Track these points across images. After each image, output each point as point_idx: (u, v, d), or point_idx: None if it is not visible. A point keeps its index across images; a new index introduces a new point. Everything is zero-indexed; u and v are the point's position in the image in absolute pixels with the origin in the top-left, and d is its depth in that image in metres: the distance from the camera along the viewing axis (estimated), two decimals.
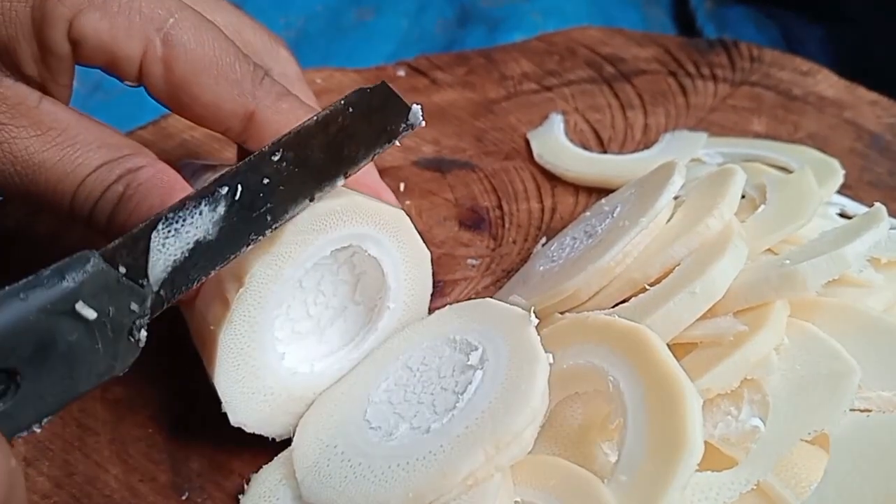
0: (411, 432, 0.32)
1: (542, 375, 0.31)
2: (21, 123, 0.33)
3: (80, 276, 0.27)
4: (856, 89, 0.62)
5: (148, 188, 0.34)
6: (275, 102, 0.37)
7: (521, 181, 0.54)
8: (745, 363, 0.33)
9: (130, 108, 0.63)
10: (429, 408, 0.33)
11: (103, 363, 0.28)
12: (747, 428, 0.32)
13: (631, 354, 0.31)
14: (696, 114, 0.60)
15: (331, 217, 0.35)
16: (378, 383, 0.36)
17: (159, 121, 0.54)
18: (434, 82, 0.62)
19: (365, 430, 0.33)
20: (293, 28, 0.78)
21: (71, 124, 0.34)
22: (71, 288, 0.27)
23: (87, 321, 0.27)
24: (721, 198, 0.39)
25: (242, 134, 0.37)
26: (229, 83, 0.36)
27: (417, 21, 0.80)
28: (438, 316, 0.38)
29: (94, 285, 0.27)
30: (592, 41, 0.67)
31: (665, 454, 0.27)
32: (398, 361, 0.36)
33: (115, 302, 0.28)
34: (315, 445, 0.34)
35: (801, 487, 0.31)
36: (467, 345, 0.35)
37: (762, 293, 0.35)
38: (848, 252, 0.35)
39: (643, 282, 0.38)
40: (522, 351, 0.32)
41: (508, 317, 0.35)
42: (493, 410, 0.31)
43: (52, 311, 0.26)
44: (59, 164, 0.34)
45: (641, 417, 0.29)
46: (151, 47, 0.34)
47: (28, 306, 0.26)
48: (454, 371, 0.34)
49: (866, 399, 0.33)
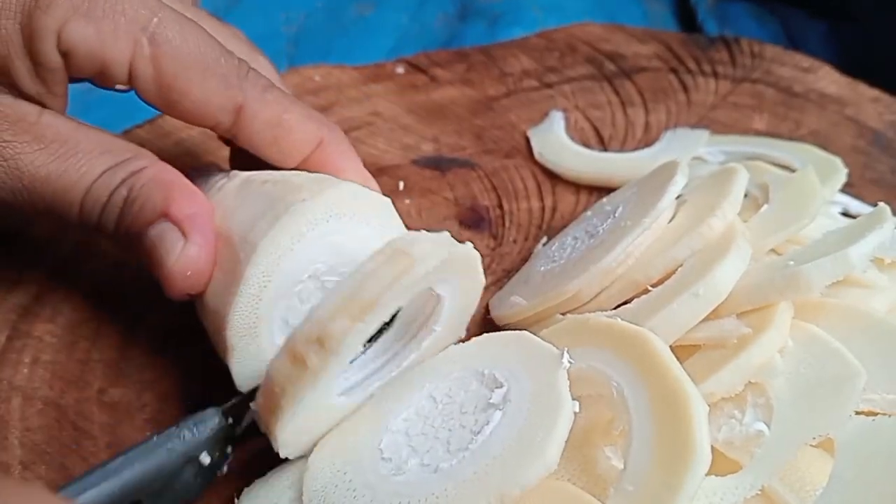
0: (420, 469, 0.30)
1: (562, 427, 0.29)
2: (24, 139, 0.34)
3: (208, 432, 0.33)
4: (858, 86, 0.61)
5: (150, 188, 0.35)
6: (262, 94, 0.37)
7: (521, 179, 0.54)
8: (749, 366, 0.33)
9: (128, 105, 0.62)
10: (443, 444, 0.31)
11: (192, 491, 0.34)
12: (751, 432, 0.32)
13: (635, 359, 0.31)
14: (697, 111, 0.59)
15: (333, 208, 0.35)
16: (399, 411, 0.34)
17: (156, 119, 0.53)
18: (433, 79, 0.61)
19: (377, 460, 0.32)
20: (294, 24, 0.77)
21: (72, 135, 0.35)
22: (202, 443, 0.33)
23: (202, 464, 0.33)
24: (724, 197, 0.38)
25: (232, 128, 0.37)
26: (217, 77, 0.36)
27: (417, 16, 0.80)
28: (475, 344, 0.36)
29: (216, 437, 0.33)
30: (593, 38, 0.66)
31: (672, 463, 0.27)
32: (424, 390, 0.34)
33: (221, 448, 0.34)
34: (328, 468, 0.33)
35: (806, 492, 0.30)
36: (494, 381, 0.32)
37: (766, 295, 0.35)
38: (852, 253, 0.35)
39: (645, 283, 0.38)
40: (547, 396, 0.30)
41: (540, 354, 0.32)
42: (504, 458, 0.29)
43: (183, 459, 0.32)
44: (64, 175, 0.34)
45: (647, 425, 0.29)
46: (139, 47, 0.35)
47: (166, 455, 0.32)
48: (476, 408, 0.32)
49: (870, 401, 0.33)
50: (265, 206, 0.36)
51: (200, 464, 0.33)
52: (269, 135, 0.38)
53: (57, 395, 0.39)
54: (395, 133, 0.56)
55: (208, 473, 0.33)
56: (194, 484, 0.33)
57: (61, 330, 0.42)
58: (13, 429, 0.37)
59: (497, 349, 0.34)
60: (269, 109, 0.37)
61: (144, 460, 0.31)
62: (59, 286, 0.44)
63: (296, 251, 0.35)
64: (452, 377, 0.34)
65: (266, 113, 0.37)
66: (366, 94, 0.59)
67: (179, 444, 0.32)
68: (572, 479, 0.32)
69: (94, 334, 0.42)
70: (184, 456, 0.32)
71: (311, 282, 0.37)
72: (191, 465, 0.33)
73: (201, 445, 0.33)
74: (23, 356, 0.40)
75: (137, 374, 0.40)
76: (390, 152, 0.55)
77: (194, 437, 0.33)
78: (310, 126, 0.39)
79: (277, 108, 0.37)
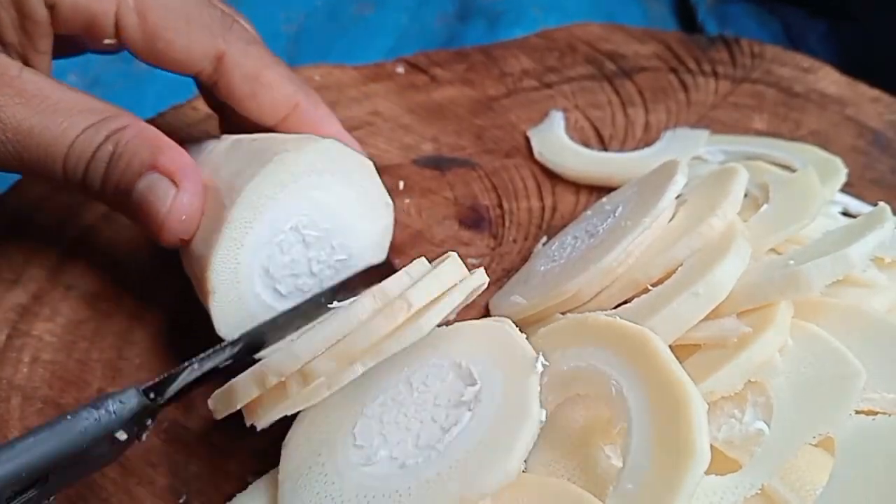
0: (388, 463, 0.30)
1: (526, 436, 0.28)
2: (6, 92, 0.35)
3: (125, 413, 0.32)
4: (857, 86, 0.61)
5: (136, 144, 0.36)
6: (244, 47, 0.39)
7: (521, 179, 0.54)
8: (749, 365, 0.33)
9: (128, 103, 0.62)
10: (413, 438, 0.31)
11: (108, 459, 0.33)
12: (751, 431, 0.32)
13: (634, 358, 0.31)
14: (697, 111, 0.59)
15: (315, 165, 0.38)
16: (376, 394, 0.34)
17: (155, 119, 0.53)
18: (433, 79, 0.61)
19: (349, 446, 0.32)
20: (293, 23, 0.77)
21: (53, 92, 0.35)
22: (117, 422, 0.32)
23: (118, 441, 0.32)
24: (724, 197, 0.38)
25: (213, 75, 0.39)
26: (200, 26, 0.38)
27: (417, 15, 0.80)
28: (457, 329, 0.36)
29: (134, 415, 0.32)
30: (593, 37, 0.66)
31: (671, 463, 0.27)
32: (402, 374, 0.34)
33: (139, 422, 0.33)
34: (304, 447, 0.33)
35: (806, 491, 0.30)
36: (469, 376, 0.32)
37: (766, 294, 0.35)
38: (852, 252, 0.35)
39: (645, 282, 0.38)
40: (516, 401, 0.30)
41: (515, 355, 0.32)
42: (466, 462, 0.29)
43: (97, 439, 0.31)
44: (47, 129, 0.35)
45: (646, 424, 0.29)
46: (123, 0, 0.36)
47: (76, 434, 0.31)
48: (448, 402, 0.32)
49: (870, 400, 0.33)
50: (250, 157, 0.38)
51: (116, 440, 0.32)
52: (248, 88, 0.39)
53: (56, 394, 0.39)
54: (395, 133, 0.56)
55: (125, 445, 0.33)
56: (108, 455, 0.33)
57: (61, 329, 0.42)
58: (12, 428, 0.37)
59: (477, 339, 0.34)
60: (251, 62, 0.39)
61: (56, 440, 0.30)
62: (59, 286, 0.44)
63: (278, 200, 0.37)
64: (431, 363, 0.34)
65: (247, 65, 0.39)
66: (366, 94, 0.59)
67: (94, 425, 0.31)
68: (572, 478, 0.32)
69: (93, 334, 0.42)
70: (98, 436, 0.31)
71: (292, 234, 0.39)
72: (105, 441, 0.32)
73: (118, 425, 0.32)
74: (22, 355, 0.40)
75: (136, 374, 0.40)
76: (390, 152, 0.55)
77: (112, 418, 0.32)
78: (289, 87, 0.40)
79: (259, 62, 0.39)
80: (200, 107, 0.54)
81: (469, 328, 0.35)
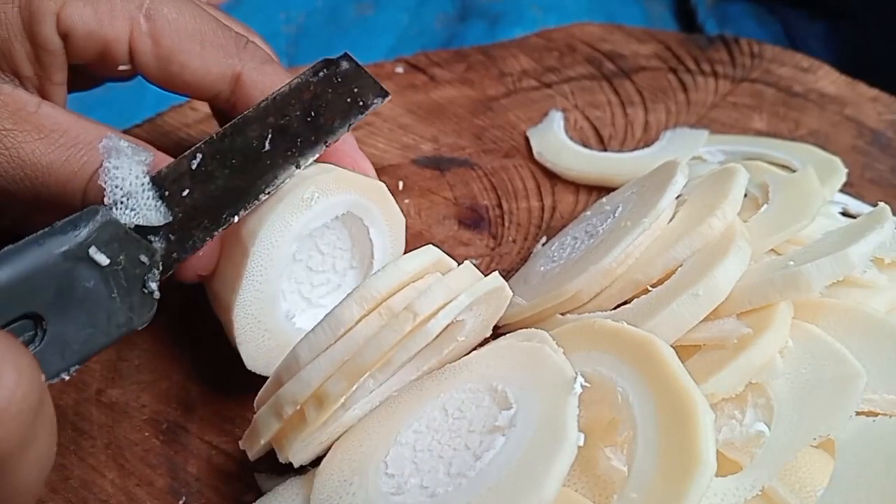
0: (419, 492, 0.29)
1: (562, 461, 0.27)
2: (24, 128, 0.34)
3: (91, 225, 0.30)
4: (857, 86, 0.61)
5: None
6: (260, 65, 0.38)
7: (520, 179, 0.53)
8: (750, 366, 0.33)
9: (128, 104, 0.62)
10: (445, 466, 0.30)
11: (121, 314, 0.31)
12: (752, 432, 0.32)
13: (641, 366, 0.30)
14: (696, 111, 0.59)
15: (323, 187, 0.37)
16: (410, 422, 0.33)
17: (154, 119, 0.53)
18: (433, 79, 0.61)
19: (380, 474, 0.31)
20: (293, 23, 0.77)
21: (71, 125, 0.35)
22: (84, 235, 0.29)
23: (101, 267, 0.30)
24: (724, 197, 0.38)
25: (231, 97, 0.39)
26: (215, 48, 0.37)
27: (417, 16, 0.80)
28: (493, 351, 0.35)
29: (105, 234, 0.30)
30: (592, 37, 0.66)
31: (677, 471, 0.27)
32: (438, 400, 0.33)
33: (125, 252, 0.31)
34: (337, 475, 0.32)
35: (807, 493, 0.30)
36: (504, 399, 0.31)
37: (766, 295, 0.35)
38: (852, 253, 0.35)
39: (645, 283, 0.38)
40: (552, 425, 0.28)
41: (552, 376, 0.31)
42: (499, 490, 0.27)
43: (69, 257, 0.29)
44: (66, 165, 0.34)
45: (652, 432, 0.28)
46: (136, 25, 0.36)
47: (46, 252, 0.28)
48: (483, 428, 0.30)
49: (871, 401, 0.33)
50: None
51: (96, 263, 0.30)
52: None
53: (56, 395, 0.39)
54: (395, 133, 0.56)
55: (123, 286, 0.30)
56: (108, 297, 0.30)
57: None
58: None
59: (514, 360, 0.33)
60: (268, 80, 0.38)
61: (17, 261, 0.28)
62: None
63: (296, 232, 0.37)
64: (467, 388, 0.33)
65: (265, 83, 0.38)
66: None
67: (58, 239, 0.29)
68: (572, 478, 0.31)
69: None
70: (66, 250, 0.29)
71: (311, 246, 0.39)
72: (85, 266, 0.30)
73: (87, 241, 0.30)
74: None
75: (135, 375, 0.40)
76: (390, 152, 0.54)
77: (74, 231, 0.29)
78: None
79: (276, 79, 0.38)
80: (200, 107, 0.54)
81: (506, 349, 0.34)
